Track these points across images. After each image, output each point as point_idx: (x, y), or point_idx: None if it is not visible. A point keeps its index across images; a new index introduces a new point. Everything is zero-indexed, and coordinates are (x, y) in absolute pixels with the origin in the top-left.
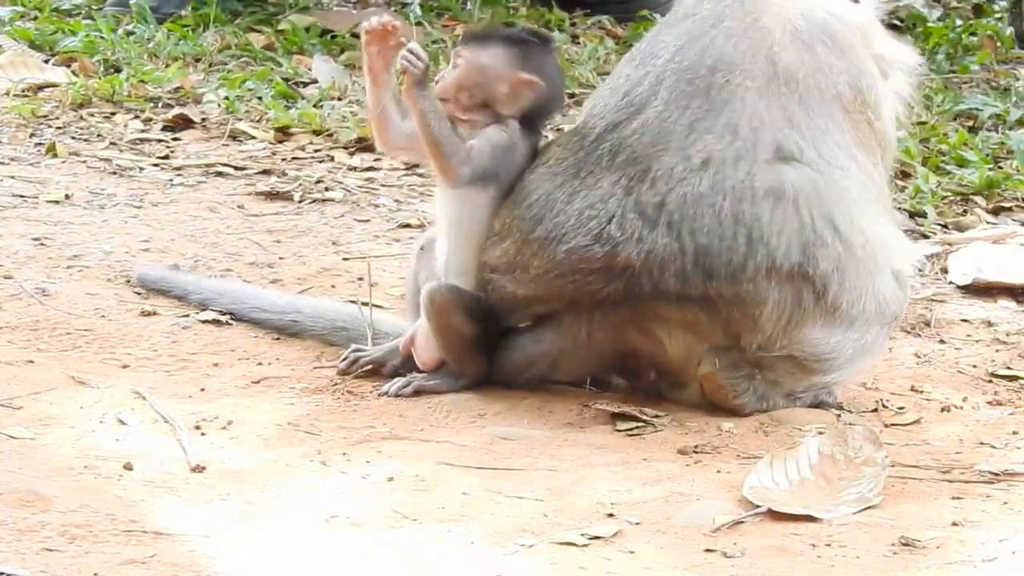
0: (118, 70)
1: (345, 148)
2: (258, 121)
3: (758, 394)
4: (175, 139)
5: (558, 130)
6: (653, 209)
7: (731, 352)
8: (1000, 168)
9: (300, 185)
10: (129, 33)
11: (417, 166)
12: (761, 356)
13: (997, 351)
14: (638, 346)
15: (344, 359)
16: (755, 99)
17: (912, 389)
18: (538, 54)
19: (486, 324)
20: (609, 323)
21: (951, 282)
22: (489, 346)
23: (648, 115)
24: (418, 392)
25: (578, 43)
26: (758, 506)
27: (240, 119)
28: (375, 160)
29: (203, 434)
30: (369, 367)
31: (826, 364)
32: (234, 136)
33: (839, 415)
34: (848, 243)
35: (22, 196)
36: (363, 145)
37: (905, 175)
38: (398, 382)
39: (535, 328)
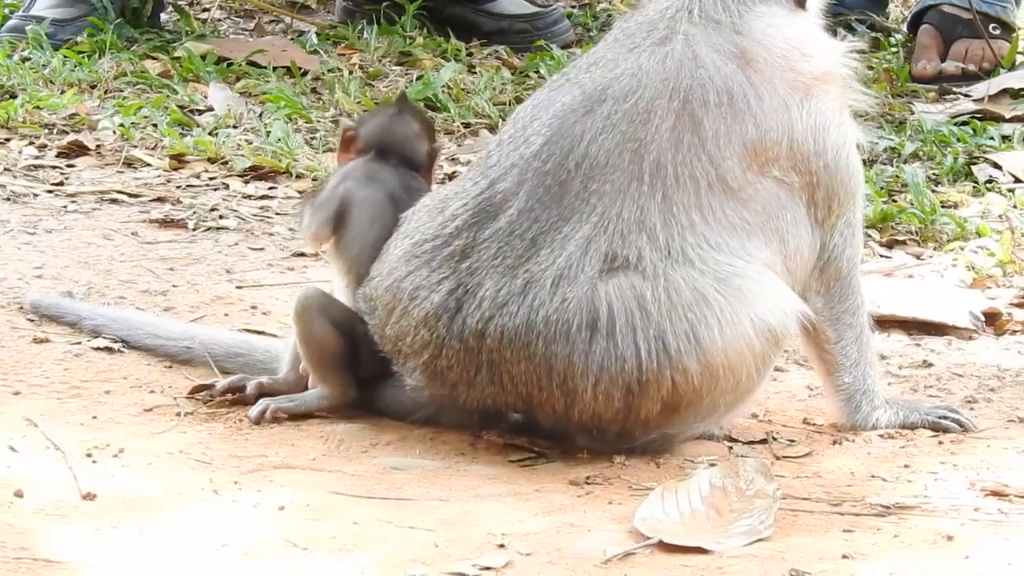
0: (13, 96)
1: (240, 176)
2: (153, 148)
3: (642, 449)
4: (70, 166)
5: (453, 159)
6: (475, 339)
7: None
8: (894, 202)
9: (194, 213)
10: (25, 59)
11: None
12: (632, 440)
13: (890, 384)
14: (514, 409)
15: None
16: (606, 206)
17: (804, 421)
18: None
19: (355, 343)
20: (480, 391)
21: None
22: (363, 373)
23: (501, 223)
24: (277, 415)
25: (475, 73)
26: (649, 538)
27: (135, 146)
28: (269, 188)
29: (94, 462)
30: (226, 395)
31: (704, 426)
32: (129, 163)
33: (731, 447)
34: (678, 362)
35: None
36: (258, 173)
37: None
38: (259, 406)
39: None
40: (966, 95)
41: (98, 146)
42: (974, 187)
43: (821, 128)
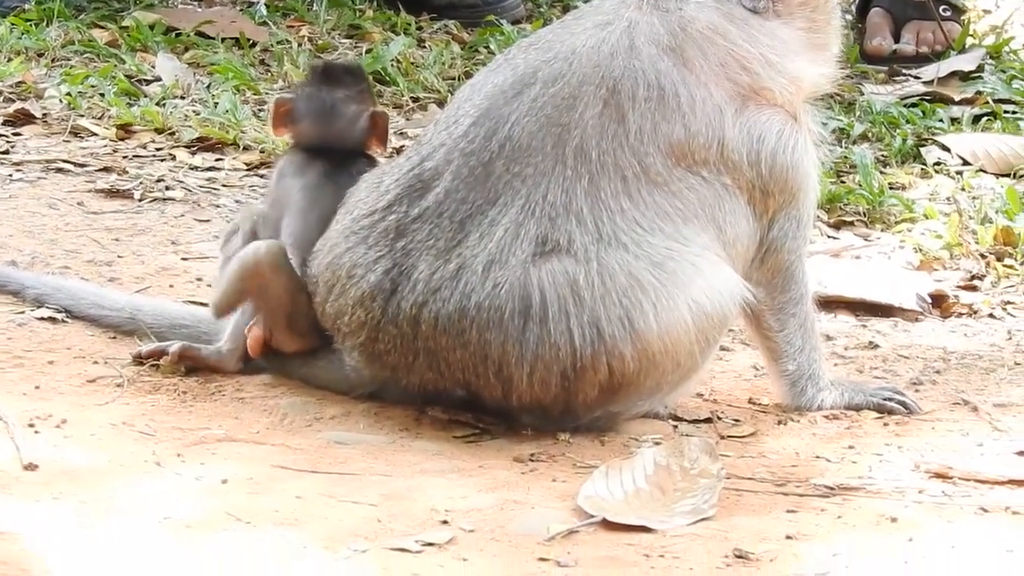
0: None
1: (187, 147)
2: (100, 118)
3: (587, 426)
4: (15, 134)
5: (402, 133)
6: (410, 325)
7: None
8: (843, 183)
9: (141, 183)
10: None
11: (259, 166)
12: (577, 419)
13: (836, 365)
14: (456, 391)
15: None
16: (530, 189)
17: (750, 401)
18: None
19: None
20: (420, 376)
21: None
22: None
23: (429, 201)
24: (182, 356)
25: (424, 47)
26: (592, 516)
27: (82, 115)
28: (216, 160)
29: (37, 432)
30: (154, 355)
31: (649, 404)
32: (75, 132)
33: (676, 426)
34: (614, 348)
35: None
36: (205, 144)
37: None
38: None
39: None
40: (916, 77)
41: (44, 115)
42: (922, 169)
43: (757, 138)
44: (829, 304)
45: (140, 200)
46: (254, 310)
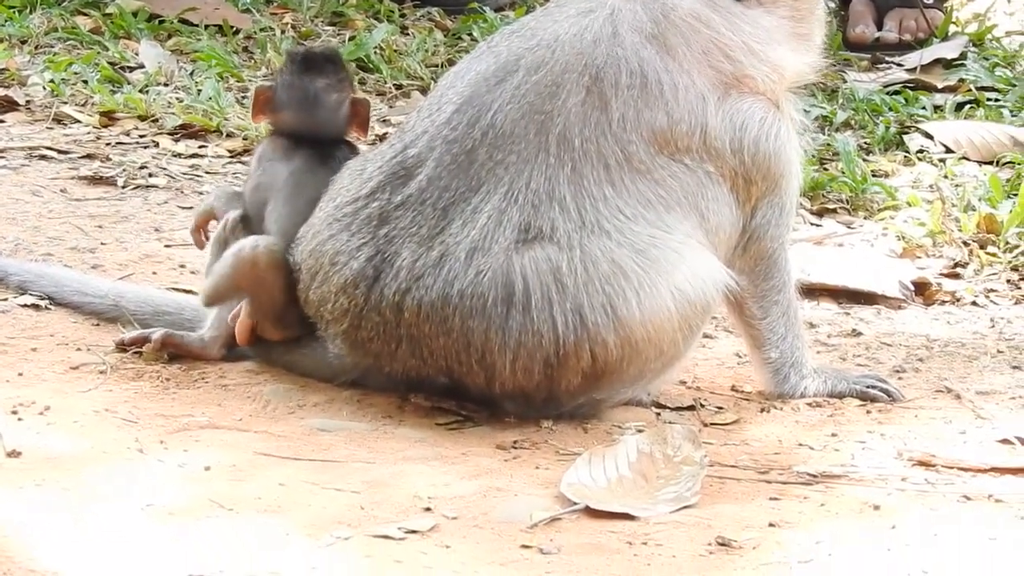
0: None
1: (170, 134)
2: (83, 105)
3: (571, 414)
4: None
5: (385, 120)
6: (393, 312)
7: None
8: (826, 170)
9: (124, 170)
10: None
11: (243, 153)
12: (560, 407)
13: (819, 353)
14: (440, 378)
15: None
16: (513, 176)
17: (733, 389)
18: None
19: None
20: (403, 363)
21: None
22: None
23: (412, 188)
24: (164, 343)
25: (407, 35)
26: (575, 503)
27: (65, 102)
28: (200, 147)
29: (20, 419)
30: (136, 342)
31: (632, 391)
32: (59, 119)
33: (659, 413)
34: (596, 335)
35: None
36: (188, 132)
37: None
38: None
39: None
40: (899, 64)
41: (28, 102)
42: (905, 156)
43: (740, 126)
44: (812, 292)
45: (123, 187)
46: (242, 300)
